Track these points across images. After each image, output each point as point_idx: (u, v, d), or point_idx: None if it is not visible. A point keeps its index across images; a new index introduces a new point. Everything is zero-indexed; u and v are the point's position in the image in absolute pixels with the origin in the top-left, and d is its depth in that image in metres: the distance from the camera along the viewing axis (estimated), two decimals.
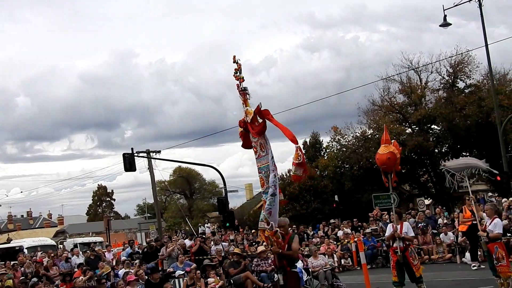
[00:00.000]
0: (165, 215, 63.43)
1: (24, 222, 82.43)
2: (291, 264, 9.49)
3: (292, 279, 9.52)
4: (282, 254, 9.41)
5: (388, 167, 10.75)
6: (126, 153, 31.79)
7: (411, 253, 11.00)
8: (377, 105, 38.93)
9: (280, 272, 9.57)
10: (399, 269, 11.07)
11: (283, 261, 9.48)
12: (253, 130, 9.24)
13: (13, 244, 36.49)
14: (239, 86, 9.61)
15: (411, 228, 11.64)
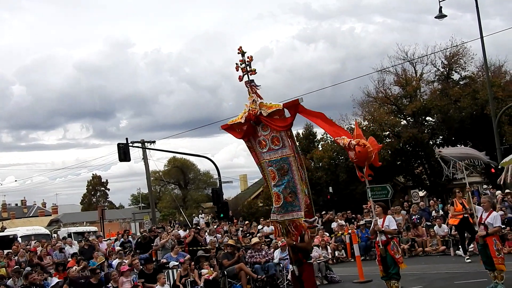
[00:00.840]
0: (159, 205, 63.43)
1: (18, 210, 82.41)
2: (307, 256, 9.67)
3: (307, 271, 9.68)
4: (296, 246, 9.54)
5: (359, 160, 10.80)
6: (121, 143, 31.75)
7: (393, 247, 11.00)
8: (372, 96, 38.94)
9: (296, 264, 9.64)
10: (383, 263, 11.08)
11: (299, 254, 9.61)
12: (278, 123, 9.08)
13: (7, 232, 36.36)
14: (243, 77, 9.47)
15: (394, 222, 11.60)
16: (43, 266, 17.88)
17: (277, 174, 9.20)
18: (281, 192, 9.16)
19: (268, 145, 9.32)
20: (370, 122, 37.75)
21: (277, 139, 9.17)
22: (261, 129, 9.39)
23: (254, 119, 9.30)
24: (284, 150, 9.16)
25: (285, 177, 9.15)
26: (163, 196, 68.79)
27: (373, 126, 37.30)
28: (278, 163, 9.16)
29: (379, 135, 36.94)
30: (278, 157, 9.18)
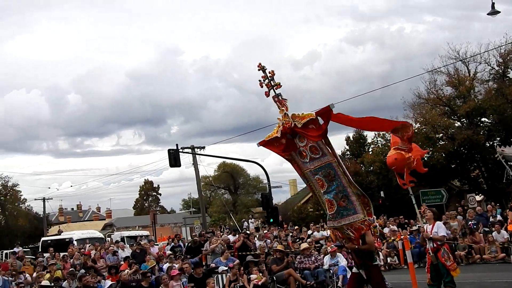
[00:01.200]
0: (209, 210, 63.92)
1: (74, 214, 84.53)
2: (371, 258, 9.35)
3: (375, 273, 9.40)
4: (358, 249, 9.22)
5: (397, 168, 10.56)
6: (171, 149, 32.12)
7: (443, 254, 10.65)
8: (424, 98, 37.96)
9: (362, 268, 9.37)
10: (434, 270, 10.74)
11: (363, 257, 9.31)
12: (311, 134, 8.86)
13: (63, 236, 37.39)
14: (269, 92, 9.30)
15: (443, 228, 11.23)
16: (97, 269, 18.24)
17: (325, 181, 9.01)
18: (333, 198, 8.98)
19: (308, 155, 9.13)
20: (422, 124, 36.87)
21: (315, 149, 8.96)
22: (299, 140, 9.18)
23: (289, 132, 9.12)
24: (325, 157, 8.95)
25: (333, 182, 8.96)
26: (214, 201, 69.27)
27: (425, 128, 36.43)
28: (324, 169, 8.98)
29: (432, 138, 36.13)
30: (322, 164, 8.99)
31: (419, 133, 36.51)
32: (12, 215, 58.41)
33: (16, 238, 51.42)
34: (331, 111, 8.59)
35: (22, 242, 46.84)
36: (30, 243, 51.98)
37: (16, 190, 59.85)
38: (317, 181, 9.14)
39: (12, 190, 59.42)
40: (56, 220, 74.73)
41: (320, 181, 9.07)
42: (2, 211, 58.91)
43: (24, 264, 19.79)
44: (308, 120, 8.77)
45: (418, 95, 38.02)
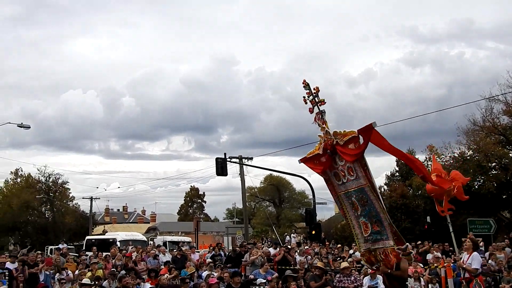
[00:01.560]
0: (253, 221, 63.97)
1: (120, 216, 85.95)
2: (403, 285, 9.29)
3: None
4: (391, 274, 9.10)
5: (436, 195, 10.43)
6: (219, 158, 32.39)
7: (475, 285, 10.42)
8: (479, 125, 37.19)
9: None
10: None
11: (394, 282, 9.19)
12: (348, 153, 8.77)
13: (108, 236, 38.14)
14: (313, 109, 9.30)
15: (478, 260, 10.96)
16: (137, 271, 18.46)
17: (359, 205, 8.94)
18: (368, 221, 8.90)
19: (346, 176, 9.04)
20: (475, 152, 36.12)
21: (351, 170, 8.87)
22: (338, 159, 9.13)
23: (330, 149, 9.06)
24: (359, 180, 8.83)
25: (366, 207, 8.87)
26: (257, 213, 69.33)
27: (478, 156, 35.66)
28: (357, 194, 8.88)
29: (484, 166, 35.32)
30: (355, 187, 8.88)
31: (471, 161, 35.79)
32: (59, 212, 59.88)
33: (62, 234, 52.60)
34: (372, 130, 8.29)
35: (67, 239, 47.86)
36: (75, 240, 53.11)
37: (65, 187, 61.51)
38: (352, 203, 9.06)
39: (61, 188, 60.93)
40: (101, 220, 76.07)
41: (356, 204, 9.00)
42: (50, 207, 60.47)
43: (68, 261, 20.16)
44: (350, 138, 8.66)
45: (473, 122, 37.27)
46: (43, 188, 59.47)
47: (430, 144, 39.60)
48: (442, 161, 37.58)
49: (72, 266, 19.24)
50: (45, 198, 58.67)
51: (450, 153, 38.02)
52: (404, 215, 36.98)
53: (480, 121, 37.16)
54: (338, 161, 9.15)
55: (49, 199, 58.93)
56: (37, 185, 59.64)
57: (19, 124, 30.93)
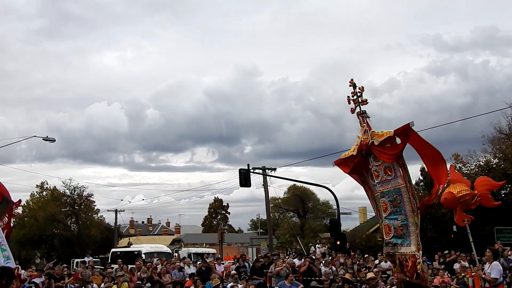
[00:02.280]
0: (277, 232, 63.83)
1: (144, 228, 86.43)
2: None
3: None
4: (410, 283, 8.96)
5: (449, 206, 10.34)
6: (242, 169, 32.41)
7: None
8: (504, 133, 36.78)
9: None
10: None
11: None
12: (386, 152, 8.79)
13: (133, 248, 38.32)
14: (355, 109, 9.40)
15: (498, 270, 10.81)
16: (162, 284, 18.54)
17: (389, 206, 8.89)
18: (392, 224, 8.85)
19: (380, 176, 9.04)
20: (501, 160, 35.68)
21: (390, 169, 8.86)
22: (373, 160, 9.16)
23: (365, 150, 9.12)
24: (396, 180, 8.81)
25: (397, 208, 8.82)
26: (281, 223, 69.18)
27: (503, 164, 35.22)
28: (391, 194, 8.85)
29: (510, 174, 34.84)
30: (391, 187, 8.87)
31: (497, 169, 35.33)
32: (85, 224, 60.37)
33: (87, 247, 52.98)
34: (410, 130, 8.37)
35: (92, 251, 48.22)
36: (100, 253, 53.51)
37: (90, 200, 61.99)
38: (382, 204, 9.04)
39: (86, 200, 61.49)
40: (126, 232, 76.56)
41: (385, 205, 8.98)
42: (76, 220, 61.02)
43: (93, 274, 20.28)
44: (386, 138, 8.71)
45: (499, 130, 36.88)
46: (69, 201, 60.07)
47: (455, 153, 39.22)
48: (467, 170, 37.24)
49: (98, 279, 19.35)
50: (71, 211, 59.26)
51: (475, 161, 37.62)
52: (430, 225, 36.55)
53: (506, 129, 36.79)
54: (373, 162, 9.17)
55: (75, 212, 59.50)
56: (62, 198, 60.27)
57: (45, 137, 31.07)
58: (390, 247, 9.00)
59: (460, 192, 10.23)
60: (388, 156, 8.81)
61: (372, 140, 8.97)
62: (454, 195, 10.12)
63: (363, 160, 9.38)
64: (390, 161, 8.81)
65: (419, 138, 8.50)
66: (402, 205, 8.79)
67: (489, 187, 10.81)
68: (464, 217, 10.62)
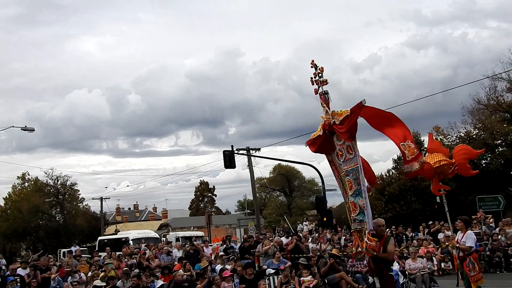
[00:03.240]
0: (264, 212, 64.15)
1: (131, 214, 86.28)
2: (388, 267, 9.25)
3: (389, 283, 9.30)
4: (377, 257, 9.11)
5: (426, 176, 10.47)
6: (226, 151, 32.41)
7: (468, 264, 10.49)
8: (483, 104, 37.17)
9: (377, 275, 9.30)
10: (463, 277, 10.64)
11: (380, 264, 9.21)
12: (343, 131, 8.96)
13: (120, 235, 38.36)
14: (318, 90, 9.49)
15: (472, 239, 11.04)
16: (151, 269, 18.56)
17: (354, 184, 9.01)
18: (357, 202, 8.97)
19: (344, 155, 9.20)
20: (481, 130, 36.14)
21: (350, 148, 9.02)
22: (337, 139, 9.32)
23: (328, 129, 9.27)
24: (356, 158, 8.95)
25: (359, 186, 8.94)
26: (268, 203, 69.50)
27: (483, 134, 35.66)
28: (354, 172, 8.98)
29: (490, 144, 35.32)
30: (354, 165, 9.00)
31: (477, 139, 35.77)
32: (70, 214, 60.07)
33: (74, 237, 52.76)
34: (363, 108, 8.54)
35: (79, 241, 48.06)
36: (87, 242, 53.38)
37: (74, 189, 61.62)
38: (347, 182, 9.16)
39: (70, 190, 61.13)
40: (113, 220, 76.38)
41: (350, 183, 9.10)
42: (60, 210, 60.70)
43: (81, 263, 20.20)
44: (345, 116, 8.84)
45: (478, 101, 37.28)
46: (52, 191, 59.69)
47: (436, 126, 39.62)
48: (448, 141, 37.65)
49: (85, 268, 19.27)
50: (55, 201, 58.92)
51: (456, 133, 38.04)
52: (414, 197, 37.01)
53: (485, 100, 37.21)
54: (336, 141, 9.32)
55: (59, 202, 59.15)
56: (45, 188, 59.79)
57: (23, 127, 30.41)
58: (357, 223, 9.10)
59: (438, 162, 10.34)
60: (342, 134, 8.99)
61: (334, 119, 9.10)
62: (430, 165, 10.24)
63: (328, 139, 9.51)
64: (343, 136, 8.99)
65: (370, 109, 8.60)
66: (362, 183, 8.91)
67: (467, 156, 10.92)
68: (440, 187, 10.76)
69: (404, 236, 23.87)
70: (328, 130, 9.34)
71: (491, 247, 20.25)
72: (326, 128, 9.33)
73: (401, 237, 23.61)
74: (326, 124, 9.30)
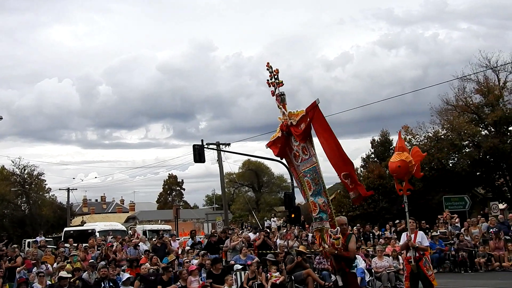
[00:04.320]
0: (232, 207, 64.18)
1: (98, 206, 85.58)
2: (349, 265, 9.29)
3: (352, 281, 9.36)
4: (339, 255, 9.12)
5: (399, 174, 10.55)
6: (196, 145, 32.33)
7: (425, 263, 10.67)
8: (452, 104, 37.69)
9: (339, 273, 9.30)
10: (412, 280, 10.74)
11: (342, 263, 9.23)
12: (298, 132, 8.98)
13: (86, 227, 37.89)
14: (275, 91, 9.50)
15: (426, 238, 11.28)
16: (117, 261, 18.40)
17: (312, 184, 9.06)
18: (317, 201, 9.01)
19: (300, 156, 9.25)
20: (449, 130, 36.64)
21: (305, 149, 9.07)
22: (294, 140, 9.36)
23: (286, 130, 9.30)
24: (311, 159, 9.00)
25: (318, 186, 8.99)
26: (237, 198, 69.56)
27: (451, 135, 36.17)
28: (311, 173, 9.02)
29: (457, 144, 35.84)
30: (310, 166, 9.04)
31: (445, 139, 36.26)
32: (36, 204, 59.19)
33: (39, 227, 52.03)
34: (316, 108, 8.55)
35: (45, 231, 47.40)
36: (53, 232, 52.71)
37: (41, 179, 60.72)
38: (306, 183, 9.18)
39: (37, 179, 60.22)
40: (80, 211, 75.63)
41: (308, 184, 9.13)
42: (26, 199, 59.80)
43: (46, 253, 19.94)
44: (301, 117, 8.85)
45: (446, 102, 37.80)
46: (18, 180, 58.69)
47: (405, 125, 40.01)
48: (416, 141, 38.10)
49: (50, 258, 19.00)
50: (21, 191, 58.03)
51: (424, 133, 38.49)
52: (381, 196, 37.36)
53: (453, 101, 37.74)
54: (293, 142, 9.36)
55: (25, 191, 58.28)
56: (12, 177, 58.81)
57: None
58: (318, 222, 9.14)
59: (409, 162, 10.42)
60: (298, 137, 9.02)
61: (290, 120, 9.13)
62: (406, 163, 10.30)
63: (286, 141, 9.53)
64: (300, 139, 9.00)
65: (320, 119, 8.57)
66: (320, 183, 8.94)
67: (420, 158, 11.07)
68: (409, 186, 10.88)
69: (371, 234, 24.07)
70: (286, 131, 9.34)
71: (456, 247, 20.57)
72: (284, 129, 9.34)
73: (368, 235, 23.80)
74: (284, 125, 9.32)
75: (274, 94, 9.54)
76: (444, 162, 37.43)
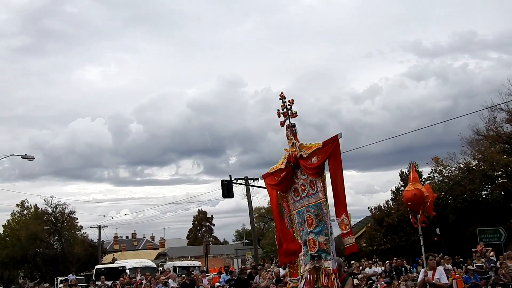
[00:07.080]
0: (262, 241, 63.68)
1: (129, 243, 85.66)
2: None
3: None
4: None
5: (414, 204, 10.30)
6: (225, 180, 32.39)
7: None
8: (482, 135, 37.19)
9: None
10: None
11: None
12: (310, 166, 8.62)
13: (117, 264, 38.03)
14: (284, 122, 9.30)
15: (445, 274, 10.92)
16: None
17: (314, 220, 8.80)
18: (317, 239, 8.77)
19: (307, 190, 8.93)
20: (480, 161, 36.06)
21: (313, 183, 8.74)
22: (300, 173, 9.06)
23: (293, 161, 9.00)
24: (317, 194, 8.69)
25: (321, 222, 8.76)
26: (267, 233, 69.06)
27: (483, 165, 35.58)
28: (315, 208, 8.78)
29: (490, 175, 35.22)
30: (315, 201, 8.74)
31: (477, 170, 35.68)
32: (68, 242, 59.72)
33: (71, 265, 52.40)
34: (336, 142, 8.19)
35: (77, 269, 47.72)
36: (85, 270, 52.93)
37: (73, 217, 61.30)
38: (307, 218, 8.94)
39: (69, 218, 60.85)
40: (111, 248, 75.92)
41: (310, 219, 8.83)
42: (58, 238, 60.37)
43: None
44: (314, 150, 8.57)
45: (477, 132, 37.29)
46: (51, 219, 59.37)
47: (435, 156, 39.54)
48: (448, 172, 37.60)
49: None
50: (53, 229, 58.64)
51: (455, 164, 37.94)
52: (412, 229, 36.69)
53: (484, 131, 37.22)
54: (300, 175, 9.11)
55: (57, 229, 58.87)
56: (44, 216, 59.55)
57: (23, 155, 30.56)
58: (316, 260, 8.89)
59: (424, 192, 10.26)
60: (310, 171, 8.71)
61: (301, 152, 8.88)
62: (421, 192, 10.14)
63: (290, 174, 9.26)
64: (311, 173, 8.68)
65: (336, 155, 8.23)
66: (324, 220, 8.72)
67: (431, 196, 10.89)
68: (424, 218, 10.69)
69: (403, 268, 23.61)
70: (294, 163, 9.07)
71: (492, 282, 20.01)
72: (292, 161, 9.04)
73: (400, 269, 23.36)
74: (292, 156, 9.04)
75: (283, 125, 9.37)
76: (477, 193, 36.75)
